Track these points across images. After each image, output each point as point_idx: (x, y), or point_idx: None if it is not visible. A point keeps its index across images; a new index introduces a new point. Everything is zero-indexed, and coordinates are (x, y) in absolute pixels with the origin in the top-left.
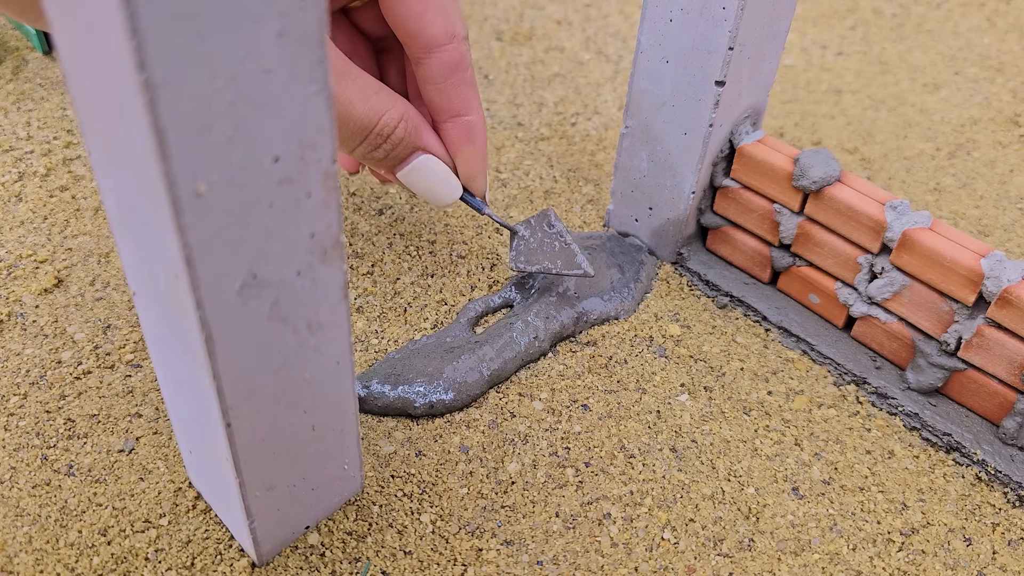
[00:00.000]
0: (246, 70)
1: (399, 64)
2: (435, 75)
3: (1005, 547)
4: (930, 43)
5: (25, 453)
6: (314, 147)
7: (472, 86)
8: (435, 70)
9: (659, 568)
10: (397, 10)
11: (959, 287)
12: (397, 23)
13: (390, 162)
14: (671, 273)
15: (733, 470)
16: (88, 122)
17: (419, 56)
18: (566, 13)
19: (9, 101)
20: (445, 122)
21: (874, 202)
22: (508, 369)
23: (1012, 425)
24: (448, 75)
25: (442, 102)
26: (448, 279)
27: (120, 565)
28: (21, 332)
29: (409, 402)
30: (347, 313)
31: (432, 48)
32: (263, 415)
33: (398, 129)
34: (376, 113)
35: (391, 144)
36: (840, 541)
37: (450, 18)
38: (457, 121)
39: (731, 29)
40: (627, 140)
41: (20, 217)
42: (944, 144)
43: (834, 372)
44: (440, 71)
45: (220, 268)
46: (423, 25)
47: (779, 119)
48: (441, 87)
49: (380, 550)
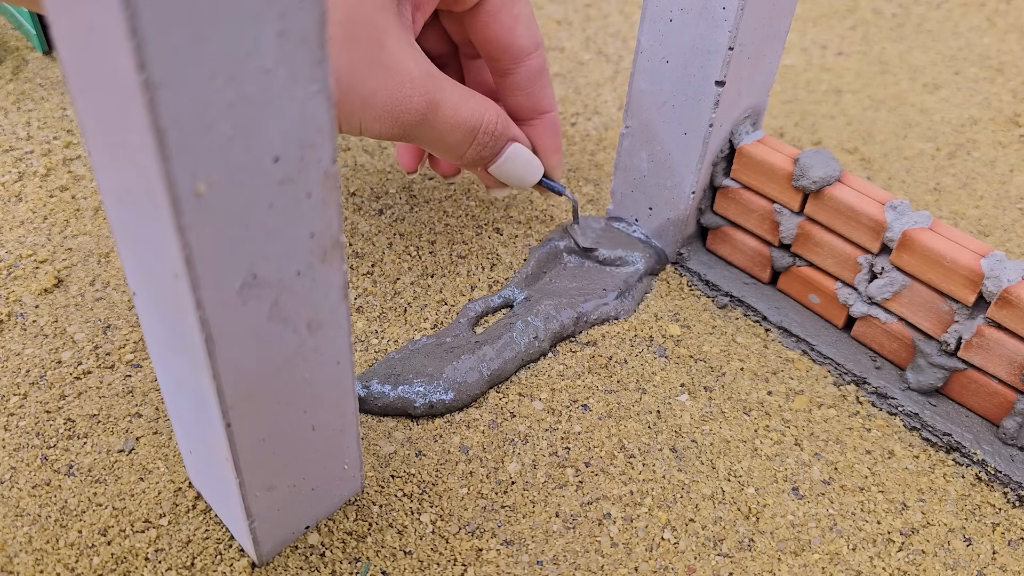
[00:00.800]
0: (246, 70)
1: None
2: (524, 81)
3: (1005, 547)
4: (930, 43)
5: (25, 453)
6: (314, 147)
7: (551, 85)
8: (523, 77)
9: (659, 568)
10: (490, 27)
11: (959, 287)
12: (489, 40)
13: (489, 157)
14: (671, 273)
15: (733, 470)
16: (88, 122)
17: (509, 67)
18: (566, 13)
19: (9, 101)
20: (532, 119)
21: (874, 202)
22: (508, 369)
23: (1012, 425)
24: (535, 79)
25: (530, 103)
26: (448, 279)
27: (120, 565)
28: (21, 332)
29: (409, 402)
30: (347, 313)
31: (521, 58)
32: (263, 415)
33: (497, 125)
34: (478, 113)
35: (494, 139)
36: (840, 541)
37: (533, 30)
38: (544, 118)
39: (731, 29)
40: (627, 140)
41: (20, 217)
42: (944, 144)
43: (834, 372)
44: (529, 77)
45: (220, 268)
46: (515, 38)
47: (779, 119)
48: (529, 91)
49: (380, 550)
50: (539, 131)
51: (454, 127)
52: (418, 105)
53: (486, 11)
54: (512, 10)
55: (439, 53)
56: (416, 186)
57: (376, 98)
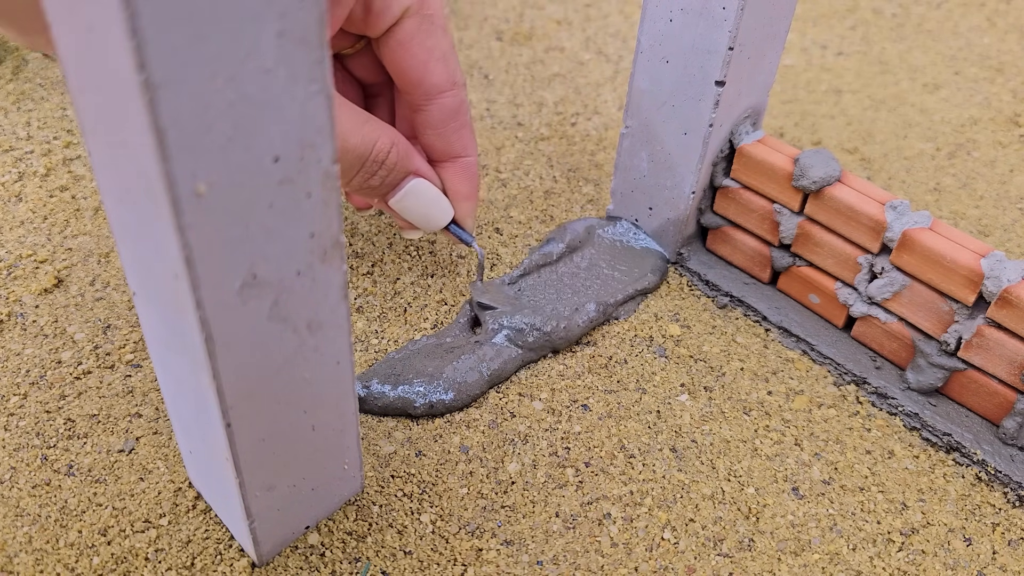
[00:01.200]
0: (246, 70)
1: (388, 109)
2: (436, 120)
3: (1005, 547)
4: (930, 43)
5: (25, 453)
6: (314, 147)
7: (470, 129)
8: (436, 116)
9: (659, 568)
10: (401, 60)
11: (959, 287)
12: (400, 72)
13: (384, 189)
14: (671, 273)
15: (733, 470)
16: (88, 122)
17: (420, 103)
18: (566, 13)
19: (9, 101)
20: (444, 163)
21: (874, 202)
22: (508, 369)
23: (1012, 425)
24: (448, 120)
25: (442, 145)
26: (448, 279)
27: (120, 565)
28: (21, 332)
29: (409, 402)
30: (347, 313)
31: (434, 95)
32: (263, 415)
33: (391, 154)
34: (370, 140)
35: (386, 170)
36: (840, 541)
37: (451, 67)
38: (456, 162)
39: (731, 29)
40: (627, 140)
41: (20, 217)
42: (944, 144)
43: (834, 372)
44: (441, 116)
45: (220, 268)
46: (426, 74)
47: (779, 119)
48: (441, 132)
49: (380, 550)
50: (451, 174)
51: (341, 155)
52: None
53: (396, 40)
54: (425, 42)
55: (371, 82)
56: None
57: None
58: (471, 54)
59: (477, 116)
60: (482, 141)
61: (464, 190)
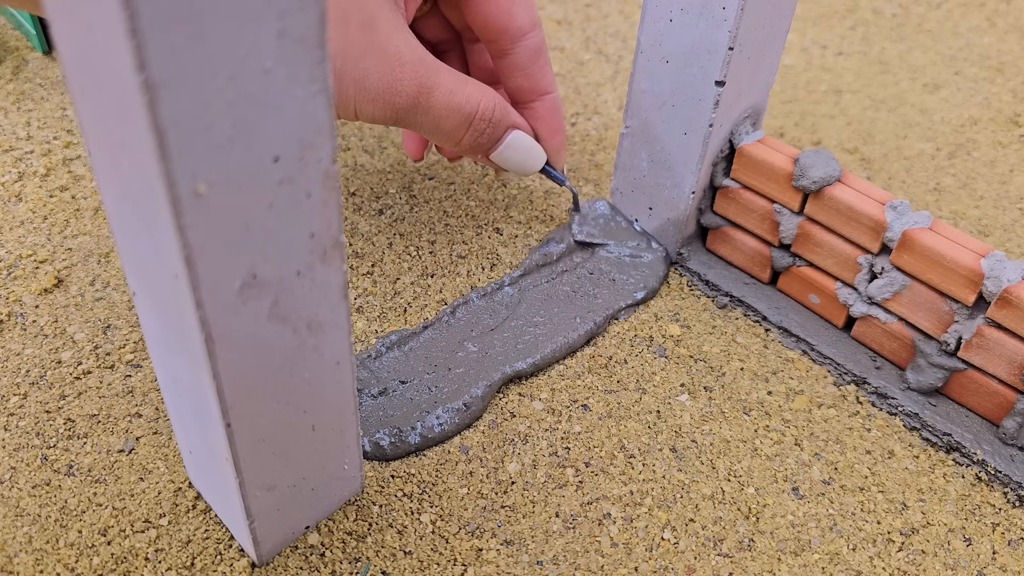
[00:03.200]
0: (246, 70)
1: (460, 64)
2: (523, 61)
3: (1005, 547)
4: (930, 43)
5: (25, 453)
6: (314, 147)
7: (551, 66)
8: (522, 56)
9: (659, 568)
10: (486, 10)
11: (959, 287)
12: (486, 21)
13: (488, 144)
14: (671, 273)
15: (733, 470)
16: (88, 122)
17: (507, 47)
18: (566, 13)
19: (9, 101)
20: (532, 101)
21: (874, 202)
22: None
23: (1012, 425)
24: (535, 59)
25: (529, 84)
26: (448, 279)
27: (120, 565)
28: (21, 332)
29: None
30: (347, 313)
31: (519, 38)
32: (263, 415)
33: (495, 112)
34: (475, 99)
35: (492, 126)
36: (840, 541)
37: (531, 9)
38: (544, 99)
39: (731, 29)
40: (627, 140)
41: (20, 217)
42: (944, 144)
43: (834, 372)
44: (527, 57)
45: (220, 268)
46: (512, 18)
47: (779, 119)
48: (529, 71)
49: (380, 550)
50: (539, 114)
51: (449, 113)
52: (409, 88)
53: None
54: None
55: (440, 40)
56: (416, 186)
57: (368, 80)
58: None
59: None
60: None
61: (554, 126)
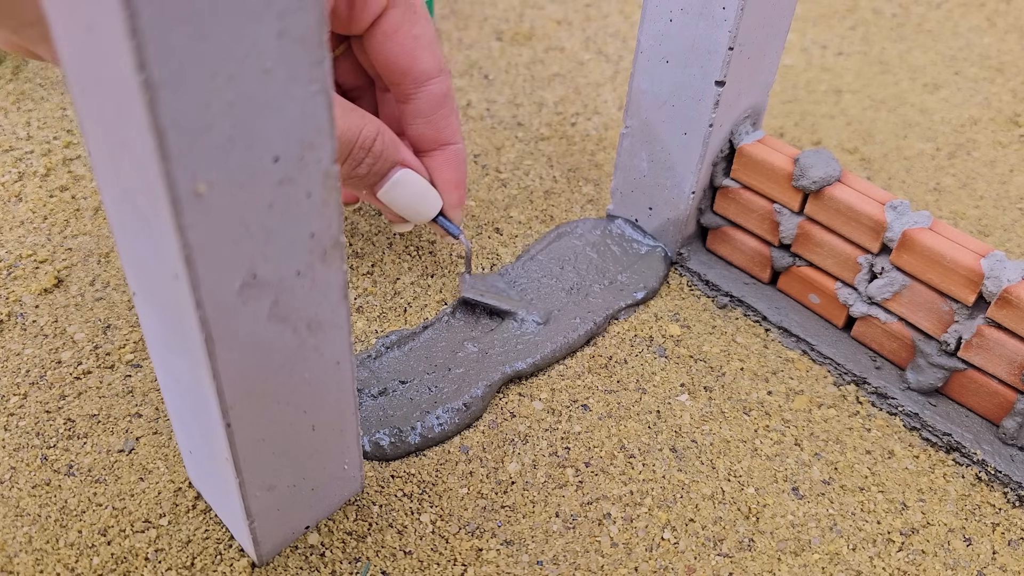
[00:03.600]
0: (246, 70)
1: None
2: (425, 108)
3: (1005, 547)
4: (930, 43)
5: (25, 453)
6: (314, 147)
7: (457, 116)
8: (425, 103)
9: (659, 568)
10: (389, 51)
11: (959, 287)
12: (388, 63)
13: (371, 179)
14: (671, 273)
15: (733, 470)
16: (88, 122)
17: (410, 91)
18: (566, 13)
19: (9, 101)
20: (432, 151)
21: (874, 202)
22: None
23: (1012, 425)
24: (438, 107)
25: (431, 132)
26: (448, 279)
27: (120, 565)
28: (21, 332)
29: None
30: (347, 313)
31: (423, 82)
32: (263, 415)
33: (377, 142)
34: (356, 127)
35: (372, 158)
36: (840, 541)
37: (436, 53)
38: (447, 149)
39: (731, 29)
40: (627, 140)
41: (20, 217)
42: (944, 144)
43: (834, 372)
44: (430, 103)
45: (220, 268)
46: (415, 61)
47: (779, 119)
48: (431, 119)
49: (380, 550)
50: (439, 163)
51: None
52: None
53: (382, 31)
54: (412, 31)
55: (353, 87)
56: None
57: None
58: (471, 54)
59: (477, 116)
60: (482, 141)
61: (453, 178)
